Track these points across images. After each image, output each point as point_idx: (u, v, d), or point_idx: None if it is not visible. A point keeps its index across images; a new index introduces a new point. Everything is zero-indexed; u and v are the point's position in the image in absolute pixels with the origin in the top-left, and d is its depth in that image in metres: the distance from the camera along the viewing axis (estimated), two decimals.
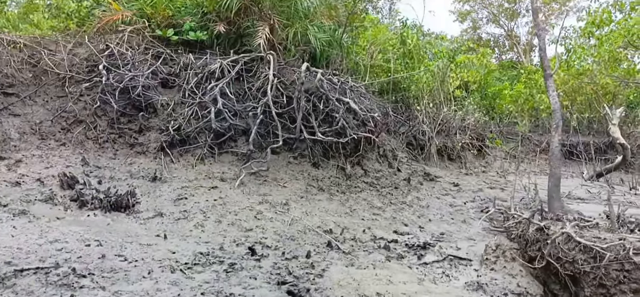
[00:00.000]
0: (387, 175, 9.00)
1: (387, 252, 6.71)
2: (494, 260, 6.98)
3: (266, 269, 5.55)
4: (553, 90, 7.70)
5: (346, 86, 8.83)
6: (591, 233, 6.57)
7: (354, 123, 8.37)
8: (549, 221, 7.40)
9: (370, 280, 5.74)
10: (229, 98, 8.21)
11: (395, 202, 8.43)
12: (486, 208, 9.12)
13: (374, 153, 9.05)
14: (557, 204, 7.46)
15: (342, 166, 8.31)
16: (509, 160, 17.86)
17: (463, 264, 7.08)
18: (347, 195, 8.01)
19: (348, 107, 8.36)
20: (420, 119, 12.58)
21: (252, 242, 5.93)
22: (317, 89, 8.23)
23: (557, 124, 7.65)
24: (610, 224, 6.78)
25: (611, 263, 6.00)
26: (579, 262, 6.20)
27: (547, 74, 7.84)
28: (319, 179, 8.01)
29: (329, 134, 8.07)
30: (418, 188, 9.42)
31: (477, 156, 18.00)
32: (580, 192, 12.12)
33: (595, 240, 6.32)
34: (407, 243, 7.13)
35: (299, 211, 6.99)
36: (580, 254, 6.26)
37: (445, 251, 7.19)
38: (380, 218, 7.74)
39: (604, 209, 10.22)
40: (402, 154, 10.54)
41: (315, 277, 5.62)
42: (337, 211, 7.48)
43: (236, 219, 6.35)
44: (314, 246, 6.20)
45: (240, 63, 8.77)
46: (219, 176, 7.39)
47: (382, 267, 6.25)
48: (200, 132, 7.92)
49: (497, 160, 17.43)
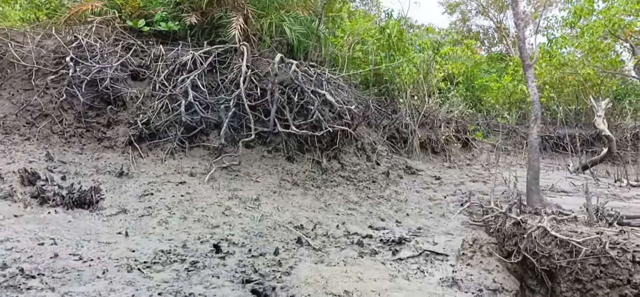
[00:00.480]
0: (365, 169, 8.83)
1: (361, 248, 6.55)
2: (470, 255, 6.85)
3: (231, 267, 5.37)
4: (532, 81, 7.56)
5: (323, 78, 8.64)
6: (568, 227, 6.45)
7: (330, 116, 8.18)
8: (527, 215, 7.28)
9: (340, 277, 5.57)
10: (200, 91, 8.00)
11: (373, 197, 8.27)
12: (466, 202, 8.98)
13: (351, 146, 8.87)
14: (536, 197, 7.33)
15: (318, 160, 8.14)
16: (495, 153, 17.78)
17: (439, 259, 6.94)
18: (322, 189, 7.83)
19: (324, 100, 8.17)
20: (403, 112, 12.39)
21: (218, 240, 5.75)
22: (292, 81, 8.04)
23: (536, 116, 7.51)
24: (589, 217, 6.65)
25: (587, 258, 5.88)
26: (555, 257, 6.08)
27: (526, 65, 7.69)
28: (293, 174, 7.83)
29: (304, 127, 7.89)
30: (397, 182, 9.26)
31: (463, 149, 17.91)
32: (564, 184, 12.03)
33: (571, 234, 6.19)
34: (382, 238, 6.97)
35: (270, 207, 6.80)
36: (556, 249, 6.14)
37: (421, 246, 7.05)
38: (356, 213, 7.58)
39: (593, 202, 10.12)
40: (382, 147, 10.38)
41: (282, 275, 5.45)
42: (311, 206, 7.31)
43: (203, 215, 6.16)
44: (283, 243, 6.02)
45: (213, 55, 8.55)
46: (188, 171, 7.19)
47: (354, 263, 6.09)
48: (170, 126, 7.71)
49: (483, 153, 17.32)
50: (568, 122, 20.54)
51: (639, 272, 5.84)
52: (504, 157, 17.23)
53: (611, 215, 7.09)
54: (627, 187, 12.44)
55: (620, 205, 9.52)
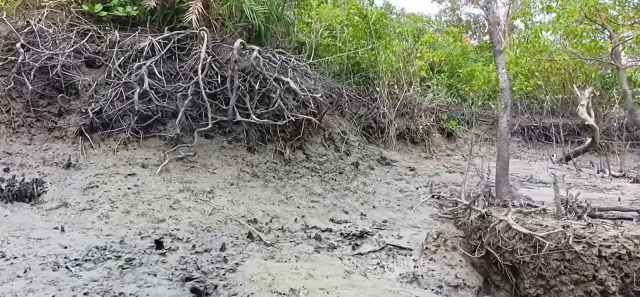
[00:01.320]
0: (333, 160, 8.55)
1: (318, 243, 6.28)
2: (434, 250, 6.60)
3: (171, 264, 5.08)
4: (503, 68, 7.28)
5: (289, 65, 8.32)
6: (535, 220, 6.20)
7: (294, 105, 7.88)
8: (494, 208, 7.02)
9: (289, 274, 5.30)
10: (158, 78, 7.67)
11: (339, 189, 8.00)
12: (438, 194, 8.72)
13: (319, 137, 8.58)
14: (505, 189, 7.08)
15: (281, 151, 7.85)
16: (479, 143, 17.53)
17: (402, 254, 6.69)
18: (284, 181, 7.55)
19: (288, 88, 7.85)
20: (381, 101, 12.10)
21: (161, 235, 5.47)
22: (254, 68, 7.72)
23: (505, 104, 7.24)
24: (557, 210, 6.40)
25: (551, 253, 5.64)
26: (519, 252, 5.84)
27: (497, 51, 7.41)
28: (254, 165, 7.54)
29: (265, 117, 7.58)
30: (367, 173, 8.99)
31: (447, 139, 17.65)
32: (544, 175, 11.79)
33: (536, 228, 5.94)
34: (343, 232, 6.70)
35: (225, 200, 6.52)
36: (520, 244, 5.90)
37: (384, 241, 6.80)
38: (318, 206, 7.30)
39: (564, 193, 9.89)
40: (355, 137, 10.09)
41: (226, 273, 5.17)
42: (271, 198, 7.02)
43: (149, 209, 5.87)
44: (232, 238, 5.75)
45: (173, 41, 8.22)
46: (141, 162, 6.88)
47: (308, 259, 5.82)
48: (124, 115, 7.39)
49: (468, 143, 17.07)
50: (555, 112, 20.32)
51: (605, 268, 5.61)
52: (488, 148, 17.00)
53: (581, 207, 6.85)
54: (609, 178, 12.22)
55: (599, 197, 9.31)
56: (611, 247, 5.64)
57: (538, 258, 5.68)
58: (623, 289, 5.56)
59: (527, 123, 18.42)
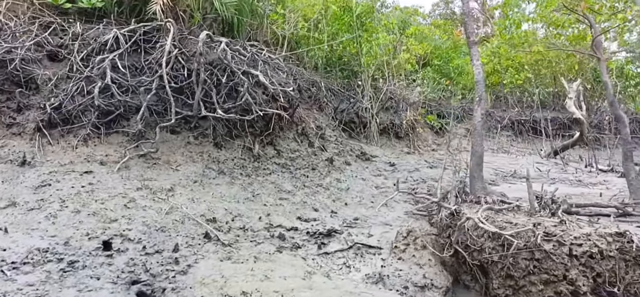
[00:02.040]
0: (305, 155, 8.31)
1: (281, 242, 6.06)
2: (403, 248, 6.39)
3: (118, 266, 4.85)
4: (477, 60, 7.04)
5: (259, 58, 8.07)
6: (505, 218, 5.97)
7: (263, 99, 7.63)
8: (467, 204, 6.81)
9: (243, 276, 5.08)
10: (122, 72, 7.41)
11: (310, 185, 7.76)
12: (414, 190, 8.50)
13: (291, 131, 8.35)
14: (479, 185, 6.85)
15: (250, 146, 7.60)
16: (469, 137, 17.31)
17: (371, 253, 6.48)
18: (252, 178, 7.31)
19: (257, 81, 7.60)
20: (363, 95, 11.86)
21: (111, 235, 5.23)
22: (221, 61, 7.46)
23: (479, 97, 7.00)
24: (529, 207, 6.18)
25: (520, 251, 5.42)
26: (487, 251, 5.60)
27: (471, 42, 7.17)
28: (220, 161, 7.30)
29: (232, 111, 7.34)
30: (342, 169, 8.76)
31: (436, 134, 17.44)
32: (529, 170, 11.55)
33: (505, 226, 5.72)
34: (310, 231, 6.48)
35: (185, 198, 6.28)
36: (488, 242, 5.68)
37: (353, 239, 6.58)
38: (286, 203, 7.07)
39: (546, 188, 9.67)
40: (333, 132, 9.86)
41: (176, 275, 4.95)
42: (236, 196, 6.79)
43: (101, 208, 5.63)
44: (188, 238, 5.51)
45: (139, 33, 7.96)
46: (100, 159, 6.64)
47: (267, 260, 5.59)
48: (85, 110, 7.14)
49: (456, 138, 16.85)
50: (546, 105, 20.12)
51: (576, 267, 5.40)
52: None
53: (556, 203, 6.63)
54: (596, 173, 12.02)
55: (581, 192, 9.10)
56: (582, 245, 5.43)
57: (506, 257, 5.46)
58: (594, 289, 5.35)
59: (517, 117, 18.22)
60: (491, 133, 17.55)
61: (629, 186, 7.45)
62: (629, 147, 7.56)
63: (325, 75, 13.34)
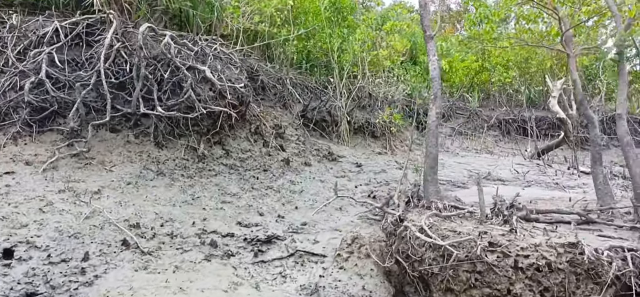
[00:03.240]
0: (258, 156, 7.92)
1: (212, 250, 5.68)
2: (346, 256, 6.00)
3: (14, 277, 4.49)
4: (433, 55, 6.63)
5: (209, 52, 7.68)
6: (451, 225, 5.56)
7: (209, 95, 7.24)
8: (417, 209, 6.40)
9: (155, 288, 4.71)
10: (60, 67, 7.04)
11: (259, 188, 7.37)
12: (372, 193, 8.10)
13: (243, 130, 7.96)
14: (432, 189, 6.45)
15: (194, 146, 7.21)
16: (453, 137, 16.90)
17: (313, 261, 6.11)
18: (194, 180, 6.93)
19: (204, 77, 7.22)
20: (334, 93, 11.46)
21: (16, 242, 4.86)
22: (165, 55, 7.08)
23: (435, 95, 6.59)
24: (480, 214, 5.77)
25: (461, 263, 5.00)
26: (427, 262, 5.20)
27: (428, 36, 6.76)
28: (160, 162, 6.92)
29: (174, 108, 6.95)
30: (299, 170, 8.36)
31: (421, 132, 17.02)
32: (505, 172, 11.15)
33: (448, 234, 5.31)
34: (248, 237, 6.10)
35: (112, 201, 5.90)
36: (429, 252, 5.27)
37: (296, 246, 6.21)
38: (229, 207, 6.69)
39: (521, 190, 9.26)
40: (295, 131, 9.47)
41: (79, 286, 4.58)
42: (172, 199, 6.41)
43: (13, 212, 5.26)
44: (103, 245, 5.13)
45: (81, 25, 7.57)
46: (26, 159, 6.27)
47: (189, 269, 5.22)
48: (17, 107, 6.76)
49: (440, 137, 16.43)
50: (536, 104, 19.67)
51: (521, 280, 5.00)
52: (460, 142, 16.38)
53: (517, 209, 6.22)
54: (577, 175, 11.57)
55: (552, 196, 8.67)
56: (529, 257, 5.03)
57: (446, 269, 5.06)
58: None
59: (505, 116, 17.76)
60: (477, 133, 17.12)
61: (597, 191, 7.03)
62: (598, 150, 7.14)
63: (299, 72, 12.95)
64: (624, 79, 6.69)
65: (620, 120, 6.60)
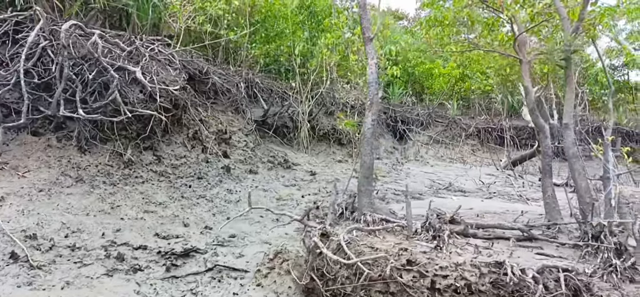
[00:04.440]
0: (194, 162, 7.53)
1: (117, 264, 5.29)
2: (265, 273, 5.62)
3: None
4: (372, 58, 6.25)
5: (144, 52, 7.31)
6: (371, 241, 5.16)
7: (139, 98, 6.86)
8: (350, 222, 5.99)
9: None
10: None
11: (190, 197, 6.98)
12: (316, 204, 7.69)
13: (180, 135, 7.57)
14: (366, 201, 6.05)
15: (120, 151, 6.82)
16: (430, 145, 16.51)
17: (232, 276, 5.72)
18: (118, 187, 6.54)
19: (134, 78, 6.84)
20: (296, 98, 11.10)
21: None
22: (92, 55, 6.71)
23: (371, 100, 6.20)
24: (407, 229, 5.37)
25: (374, 283, 4.59)
26: (340, 280, 4.79)
27: (367, 38, 6.39)
28: (81, 168, 6.53)
29: (99, 111, 6.57)
30: (242, 178, 7.97)
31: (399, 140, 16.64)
32: (470, 184, 10.74)
33: (365, 251, 4.90)
34: (163, 250, 5.70)
35: (14, 210, 5.52)
36: (343, 270, 4.86)
37: (217, 260, 5.83)
38: (151, 217, 6.30)
39: (480, 202, 8.87)
40: (245, 136, 9.09)
41: None
42: (88, 207, 6.02)
43: None
44: None
45: (9, 23, 7.20)
46: None
47: (82, 286, 4.83)
48: None
49: (415, 145, 16.07)
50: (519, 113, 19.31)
51: None
52: (436, 150, 16.00)
53: (449, 224, 5.82)
54: None
55: (507, 209, 8.24)
56: (448, 277, 4.61)
57: (358, 288, 4.66)
58: None
59: (484, 125, 17.38)
60: (455, 141, 16.72)
61: (545, 206, 6.63)
62: (548, 161, 6.75)
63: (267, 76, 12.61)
64: (572, 86, 6.31)
65: (567, 130, 6.22)
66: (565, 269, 5.09)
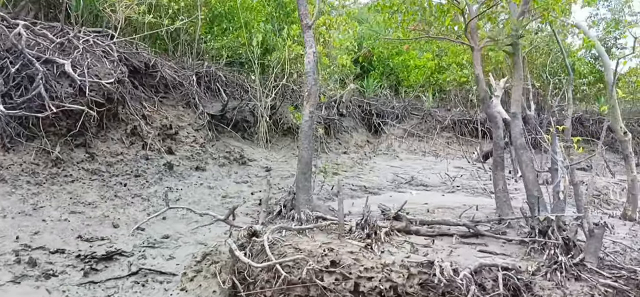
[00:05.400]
0: (132, 160, 7.20)
1: (27, 269, 4.97)
2: (191, 276, 5.33)
3: None
4: (310, 47, 5.94)
5: (78, 44, 6.94)
6: (296, 241, 4.85)
7: (68, 92, 6.49)
8: (286, 221, 5.69)
9: None
10: None
11: (124, 196, 6.65)
12: (260, 200, 7.38)
13: (117, 131, 7.23)
14: (304, 198, 5.75)
15: (48, 149, 6.46)
16: (404, 138, 16.24)
17: (159, 280, 5.42)
18: (43, 187, 6.20)
19: (63, 72, 6.48)
20: (253, 93, 10.77)
21: None
22: (16, 46, 6.34)
23: (309, 91, 5.90)
24: (339, 227, 5.07)
25: (294, 286, 4.29)
26: (259, 283, 4.49)
27: (304, 25, 6.07)
28: (3, 167, 6.20)
29: (22, 106, 6.20)
30: (185, 175, 7.64)
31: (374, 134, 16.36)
32: (434, 177, 10.48)
33: (289, 252, 4.60)
34: (83, 254, 5.39)
35: None
36: (263, 273, 4.55)
37: (144, 263, 5.53)
38: (76, 218, 5.97)
39: (441, 196, 8.60)
40: (197, 132, 8.76)
41: None
42: (5, 209, 5.69)
43: None
44: None
45: None
46: None
47: None
48: None
49: (389, 139, 15.80)
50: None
51: None
52: (409, 143, 15.73)
53: (392, 219, 5.54)
54: (515, 180, 10.92)
55: (465, 203, 7.96)
56: (373, 279, 4.32)
57: (277, 293, 4.35)
58: None
59: (459, 117, 17.11)
60: (430, 134, 16.46)
61: (496, 200, 6.36)
62: (500, 153, 6.49)
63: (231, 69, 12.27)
64: (519, 73, 6.05)
65: (514, 119, 5.95)
66: (505, 268, 4.83)
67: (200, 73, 9.85)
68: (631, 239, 6.66)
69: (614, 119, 8.07)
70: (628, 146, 7.91)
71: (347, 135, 14.59)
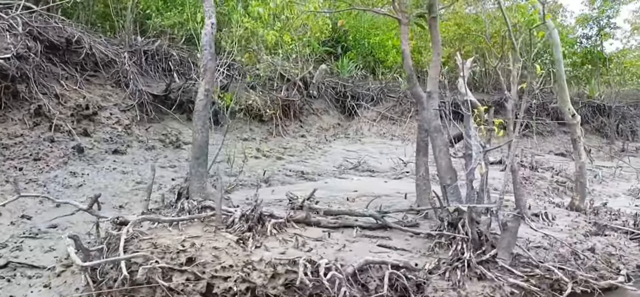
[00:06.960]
0: (33, 142, 6.72)
1: None
2: (59, 271, 4.88)
3: None
4: (209, 17, 5.39)
5: None
6: (164, 234, 4.35)
7: None
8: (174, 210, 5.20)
9: None
10: None
11: (18, 182, 6.14)
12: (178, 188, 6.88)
13: (20, 111, 6.74)
14: (198, 185, 5.26)
15: None
16: (377, 121, 15.66)
17: (28, 275, 5.01)
18: None
19: None
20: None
21: None
22: None
23: (204, 67, 5.37)
24: (216, 220, 4.56)
25: (139, 287, 3.80)
26: (108, 282, 4.00)
27: None
28: None
29: None
30: (97, 159, 7.17)
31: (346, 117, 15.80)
32: (386, 162, 9.99)
33: (143, 248, 4.11)
34: None
35: None
36: (113, 271, 4.06)
37: (16, 255, 5.09)
38: None
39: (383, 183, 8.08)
40: (123, 113, 8.27)
41: None
42: None
43: None
44: None
45: None
46: None
47: None
48: None
49: (360, 122, 15.23)
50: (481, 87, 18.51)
51: None
52: (381, 126, 15.16)
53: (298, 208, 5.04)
54: None
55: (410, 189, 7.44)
56: (229, 279, 3.82)
57: (122, 293, 3.87)
58: None
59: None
60: (405, 117, 15.86)
61: (416, 188, 5.83)
62: (423, 137, 5.94)
63: (180, 48, 11.74)
64: (438, 48, 5.47)
65: (430, 99, 5.42)
66: (395, 266, 4.32)
67: (146, 51, 9.35)
68: (569, 232, 6.13)
69: (562, 100, 7.51)
70: (576, 130, 7.36)
71: (315, 117, 14.02)
